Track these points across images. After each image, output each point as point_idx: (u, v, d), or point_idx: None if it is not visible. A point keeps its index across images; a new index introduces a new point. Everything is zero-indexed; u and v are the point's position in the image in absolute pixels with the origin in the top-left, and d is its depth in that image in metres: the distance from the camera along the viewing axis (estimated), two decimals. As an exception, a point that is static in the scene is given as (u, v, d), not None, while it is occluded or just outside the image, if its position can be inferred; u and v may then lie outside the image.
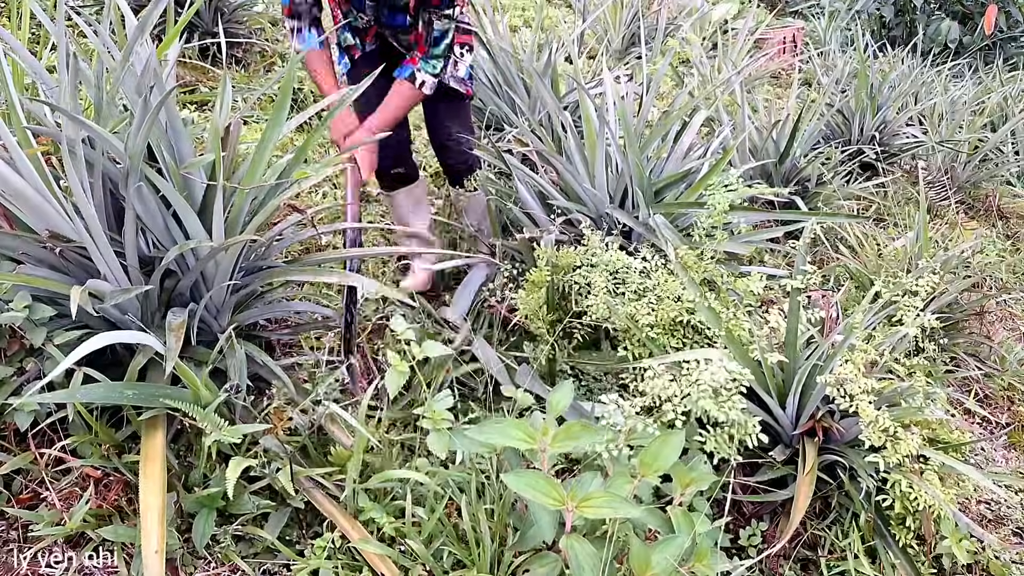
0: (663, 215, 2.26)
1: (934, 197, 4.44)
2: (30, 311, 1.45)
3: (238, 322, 1.75)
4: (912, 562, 1.87)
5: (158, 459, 1.45)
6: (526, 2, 6.36)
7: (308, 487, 1.62)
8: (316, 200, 3.07)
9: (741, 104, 3.41)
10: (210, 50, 3.78)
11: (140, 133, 1.45)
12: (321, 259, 2.02)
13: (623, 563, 1.42)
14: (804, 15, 8.27)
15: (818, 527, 1.99)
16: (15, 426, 1.48)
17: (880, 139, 4.38)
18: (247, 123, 3.30)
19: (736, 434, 1.70)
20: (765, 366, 1.89)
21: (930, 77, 5.43)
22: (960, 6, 7.47)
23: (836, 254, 3.33)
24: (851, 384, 1.74)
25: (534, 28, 4.09)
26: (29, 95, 1.51)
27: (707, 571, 1.32)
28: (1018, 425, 2.75)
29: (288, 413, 1.68)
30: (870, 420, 1.70)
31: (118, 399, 1.49)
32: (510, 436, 1.34)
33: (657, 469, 1.36)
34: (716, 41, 5.58)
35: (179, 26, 1.76)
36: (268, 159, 1.69)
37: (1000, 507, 2.27)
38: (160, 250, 1.66)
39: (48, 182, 1.49)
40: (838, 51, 6.47)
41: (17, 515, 1.49)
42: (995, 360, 2.98)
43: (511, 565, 1.49)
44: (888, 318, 2.11)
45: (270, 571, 1.57)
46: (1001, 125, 4.88)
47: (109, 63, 1.60)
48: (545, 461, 1.36)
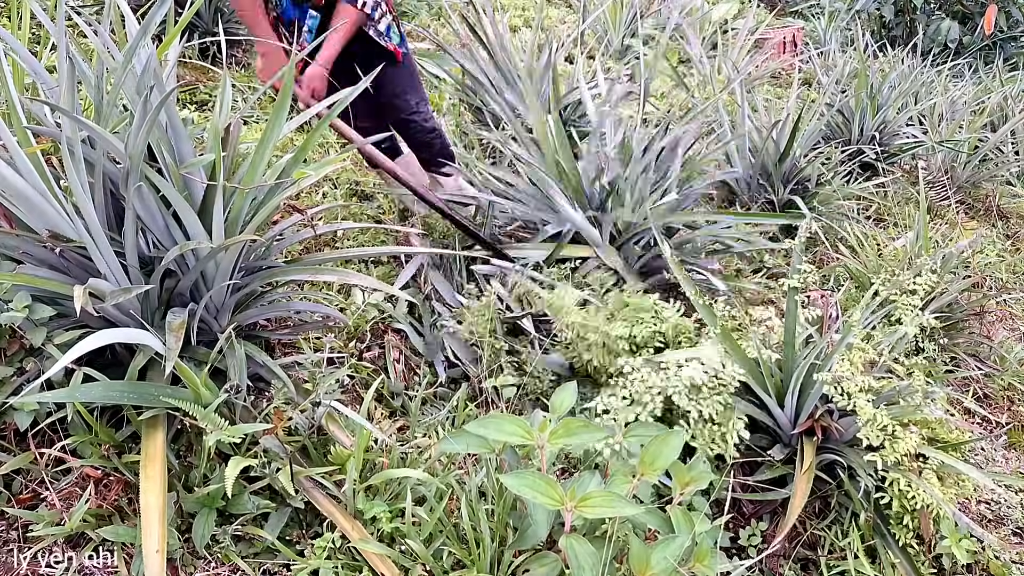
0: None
1: (934, 197, 4.44)
2: (30, 311, 1.45)
3: (238, 322, 1.75)
4: (912, 562, 1.87)
5: (158, 459, 1.45)
6: (526, 2, 6.36)
7: (308, 487, 1.62)
8: (316, 200, 3.07)
9: (741, 104, 3.41)
10: (210, 50, 3.78)
11: (140, 133, 1.45)
12: (321, 259, 2.02)
13: (623, 563, 1.42)
14: (804, 15, 8.26)
15: (818, 527, 1.99)
16: (15, 426, 1.48)
17: (880, 139, 4.38)
18: (247, 123, 3.30)
19: (728, 432, 1.70)
20: (763, 364, 1.90)
21: (930, 77, 5.43)
22: (960, 6, 7.47)
23: (836, 254, 3.33)
24: (849, 382, 1.74)
25: (534, 28, 4.09)
26: (29, 95, 1.51)
27: (707, 571, 1.32)
28: (1018, 425, 2.75)
29: (288, 413, 1.68)
30: (868, 418, 1.70)
31: (118, 399, 1.49)
32: (507, 432, 1.34)
33: (657, 468, 1.36)
34: (716, 41, 5.58)
35: (179, 27, 1.76)
36: (268, 159, 1.69)
37: (1000, 507, 2.27)
38: (160, 250, 1.66)
39: (48, 182, 1.49)
40: (838, 51, 6.46)
41: (17, 515, 1.49)
42: (995, 360, 2.98)
43: (511, 565, 1.49)
44: (887, 317, 2.11)
45: (270, 571, 1.57)
46: (1001, 125, 4.87)
47: (109, 63, 1.60)
48: (544, 457, 1.36)
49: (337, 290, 2.38)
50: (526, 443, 1.33)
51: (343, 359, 2.14)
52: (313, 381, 1.78)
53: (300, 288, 2.11)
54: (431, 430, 1.99)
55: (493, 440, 1.39)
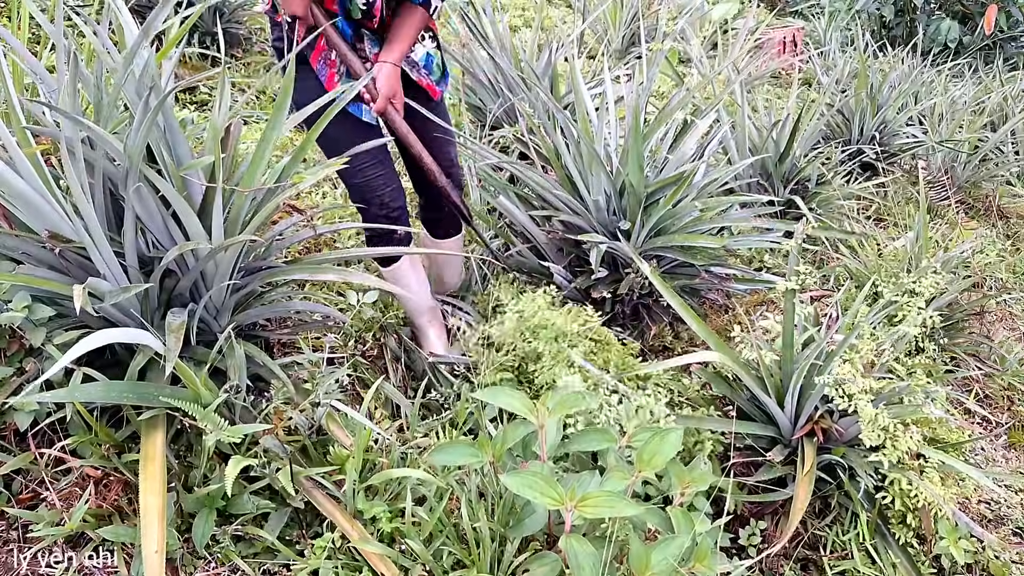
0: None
1: (934, 197, 4.44)
2: (30, 311, 1.45)
3: (238, 322, 1.75)
4: (912, 561, 1.87)
5: (158, 459, 1.45)
6: (526, 2, 6.36)
7: (308, 487, 1.62)
8: (316, 200, 3.07)
9: (741, 104, 3.41)
10: (210, 50, 3.78)
11: (139, 134, 1.45)
12: (321, 259, 2.02)
13: (623, 563, 1.42)
14: (804, 15, 8.27)
15: (819, 527, 1.99)
16: (15, 426, 1.48)
17: (880, 139, 4.38)
18: (247, 123, 3.30)
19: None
20: (762, 366, 1.90)
21: (930, 77, 5.43)
22: (960, 6, 7.47)
23: (836, 254, 3.33)
24: (850, 384, 1.74)
25: (534, 28, 4.09)
26: (29, 95, 1.51)
27: (707, 571, 1.32)
28: (1018, 425, 2.75)
29: (288, 413, 1.68)
30: (869, 419, 1.70)
31: (117, 398, 1.49)
32: (514, 401, 1.42)
33: (655, 466, 1.36)
34: (716, 41, 5.58)
35: (179, 33, 1.76)
36: (268, 160, 1.69)
37: (1000, 507, 2.27)
38: (160, 250, 1.66)
39: (48, 182, 1.49)
40: (838, 51, 6.47)
41: (17, 515, 1.49)
42: (995, 360, 2.98)
43: (511, 565, 1.49)
44: (888, 318, 2.11)
45: (270, 571, 1.57)
46: (1001, 125, 4.87)
47: (108, 64, 1.60)
48: (543, 440, 1.38)
49: (337, 291, 2.38)
50: (530, 416, 1.41)
51: (343, 359, 2.14)
52: (313, 381, 1.78)
53: (300, 288, 2.11)
54: (431, 430, 1.99)
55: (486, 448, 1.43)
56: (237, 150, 1.72)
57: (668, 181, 2.34)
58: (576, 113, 2.55)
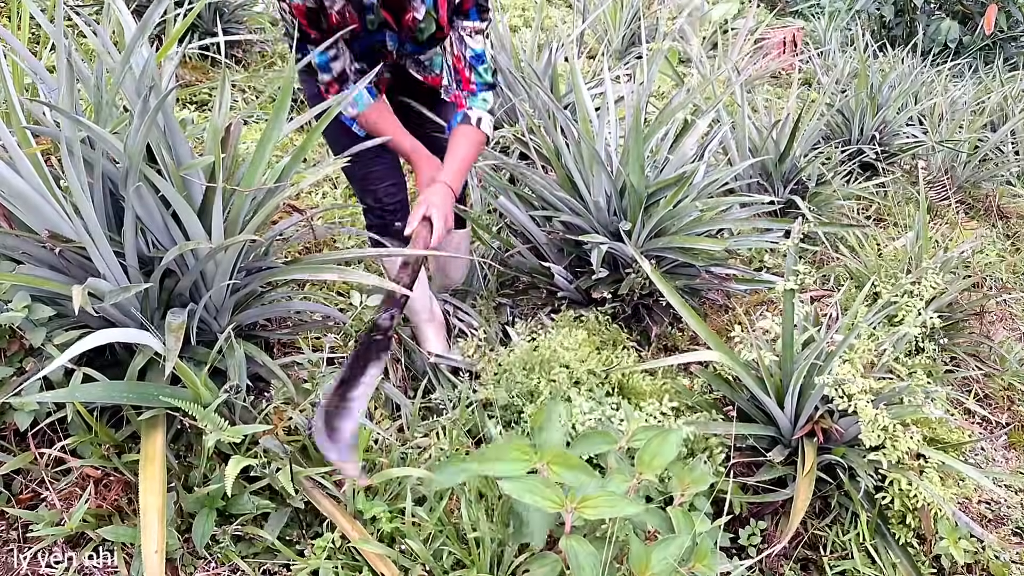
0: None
1: (934, 197, 4.44)
2: (30, 311, 1.45)
3: (238, 322, 1.75)
4: (912, 561, 1.87)
5: (158, 459, 1.45)
6: (526, 2, 6.37)
7: (308, 487, 1.62)
8: (316, 200, 3.07)
9: (741, 104, 3.41)
10: (210, 50, 3.78)
11: (139, 134, 1.45)
12: (321, 259, 2.02)
13: (623, 563, 1.42)
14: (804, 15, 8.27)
15: (819, 527, 1.99)
16: (15, 426, 1.48)
17: (880, 139, 4.38)
18: (247, 123, 3.30)
19: None
20: (762, 367, 1.90)
21: (930, 77, 5.43)
22: (960, 6, 7.47)
23: (836, 254, 3.33)
24: (849, 384, 1.74)
25: (534, 28, 4.09)
26: (29, 95, 1.51)
27: (707, 571, 1.32)
28: (1018, 425, 2.75)
29: (288, 413, 1.68)
30: (869, 419, 1.70)
31: (117, 398, 1.49)
32: (539, 498, 1.26)
33: (656, 468, 1.36)
34: (716, 41, 5.58)
35: (178, 31, 1.76)
36: (268, 160, 1.69)
37: (1000, 507, 2.27)
38: (160, 250, 1.66)
39: (48, 182, 1.49)
40: (838, 51, 6.46)
41: (17, 515, 1.49)
42: (995, 360, 2.98)
43: (511, 565, 1.49)
44: (888, 318, 2.11)
45: (270, 571, 1.57)
46: (1001, 125, 4.87)
47: (108, 63, 1.60)
48: (570, 523, 1.33)
49: (337, 291, 2.38)
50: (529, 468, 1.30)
51: (343, 359, 2.14)
52: (313, 381, 1.78)
53: (300, 288, 2.11)
54: (431, 430, 1.99)
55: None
56: (237, 150, 1.72)
57: (669, 181, 2.34)
58: (576, 113, 2.56)
